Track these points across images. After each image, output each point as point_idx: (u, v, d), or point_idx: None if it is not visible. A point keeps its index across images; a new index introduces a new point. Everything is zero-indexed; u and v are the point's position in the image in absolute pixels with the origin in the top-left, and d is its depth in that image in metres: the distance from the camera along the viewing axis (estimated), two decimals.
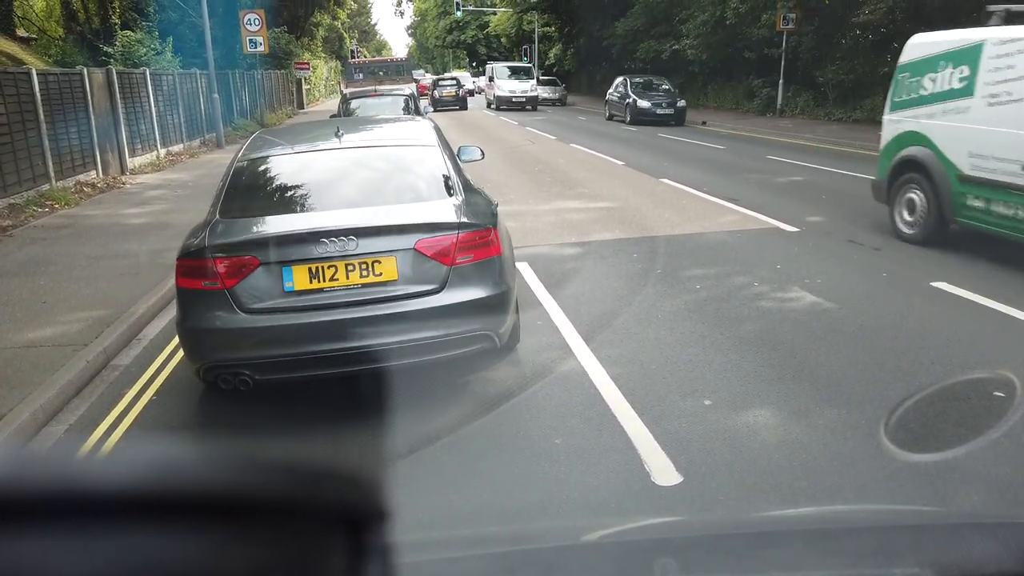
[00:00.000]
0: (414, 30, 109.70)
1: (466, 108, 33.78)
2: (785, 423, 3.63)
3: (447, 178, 4.22)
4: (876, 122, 20.35)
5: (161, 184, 12.65)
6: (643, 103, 23.36)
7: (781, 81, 24.01)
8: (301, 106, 39.85)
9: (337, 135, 4.65)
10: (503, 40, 67.86)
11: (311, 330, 3.59)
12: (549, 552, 1.18)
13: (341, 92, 22.45)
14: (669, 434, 3.54)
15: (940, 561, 1.03)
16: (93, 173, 12.48)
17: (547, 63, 53.09)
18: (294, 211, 4.04)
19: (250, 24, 22.81)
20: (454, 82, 35.42)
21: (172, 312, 5.97)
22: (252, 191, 4.29)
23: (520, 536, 1.45)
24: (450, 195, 4.09)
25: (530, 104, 32.62)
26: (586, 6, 38.37)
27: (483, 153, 6.09)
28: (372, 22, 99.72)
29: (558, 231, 8.11)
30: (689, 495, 3.11)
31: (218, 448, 0.37)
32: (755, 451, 3.40)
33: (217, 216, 3.98)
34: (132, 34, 18.59)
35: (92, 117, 12.48)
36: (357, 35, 71.77)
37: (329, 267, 3.64)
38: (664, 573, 1.04)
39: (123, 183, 12.56)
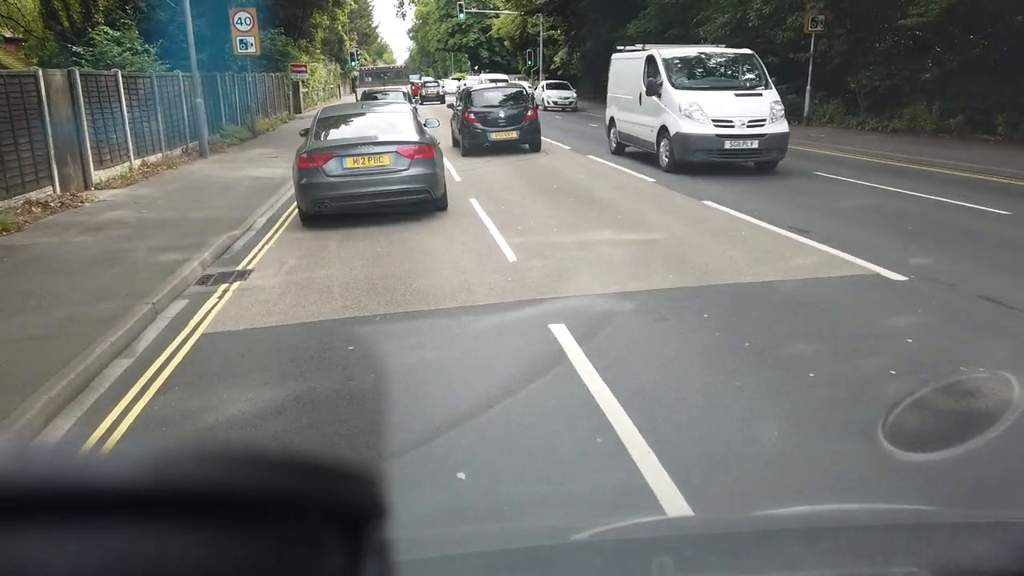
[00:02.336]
0: (415, 33, 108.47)
1: (443, 102, 44.74)
2: None
3: (413, 126, 9.50)
4: (917, 132, 19.05)
5: (128, 202, 11.07)
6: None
7: (809, 87, 22.48)
8: (298, 110, 38.30)
9: (363, 108, 11.04)
10: (506, 43, 66.38)
11: (354, 183, 8.65)
12: (548, 550, 1.17)
13: (355, 91, 31.57)
14: None
15: (937, 560, 1.02)
16: (49, 189, 10.89)
17: (552, 67, 51.61)
18: (344, 133, 9.38)
19: (240, 23, 21.28)
20: (436, 84, 52.31)
21: (83, 405, 4.40)
22: (327, 128, 9.56)
23: (519, 534, 1.46)
24: (414, 132, 9.31)
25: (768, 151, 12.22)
26: (595, 7, 36.88)
27: (439, 122, 12.41)
28: (373, 25, 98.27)
29: (596, 274, 6.52)
30: None
31: (215, 445, 0.37)
32: None
33: (313, 138, 9.28)
34: (109, 31, 16.97)
35: (48, 125, 10.89)
36: (357, 37, 70.20)
37: (361, 158, 8.69)
38: (661, 571, 1.05)
39: (83, 201, 10.97)
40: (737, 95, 12.26)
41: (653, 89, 12.93)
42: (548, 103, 36.22)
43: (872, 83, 20.50)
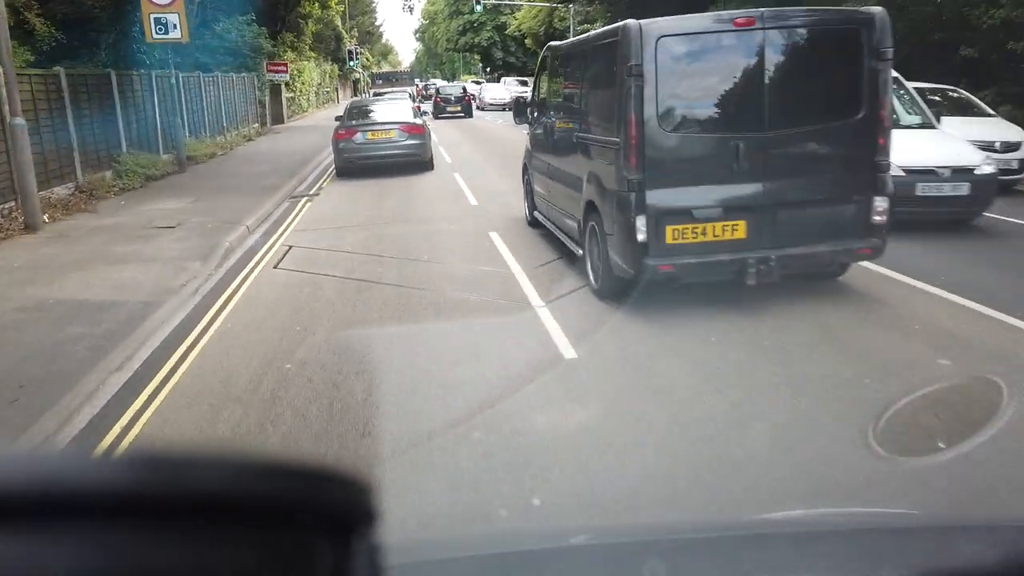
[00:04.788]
0: (422, 34, 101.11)
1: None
2: None
3: (412, 112, 14.86)
4: None
5: None
6: None
7: None
8: (279, 120, 30.38)
9: (379, 101, 19.45)
10: (527, 42, 58.27)
11: (371, 149, 13.51)
12: (540, 554, 1.18)
13: (357, 94, 36.60)
14: None
15: (927, 563, 1.03)
16: None
17: None
18: (366, 116, 14.53)
19: None
20: (434, 85, 53.30)
21: None
22: (353, 111, 14.90)
23: (511, 538, 1.55)
24: (411, 116, 14.46)
25: None
26: None
27: (427, 111, 22.41)
28: (377, 23, 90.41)
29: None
30: None
31: (206, 451, 0.38)
32: None
33: (346, 119, 14.27)
34: None
35: None
36: (359, 35, 62.30)
37: (376, 132, 13.67)
38: (653, 575, 1.05)
39: None
40: None
41: None
42: None
43: None
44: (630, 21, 5.12)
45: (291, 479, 0.39)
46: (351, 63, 42.80)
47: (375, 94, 30.82)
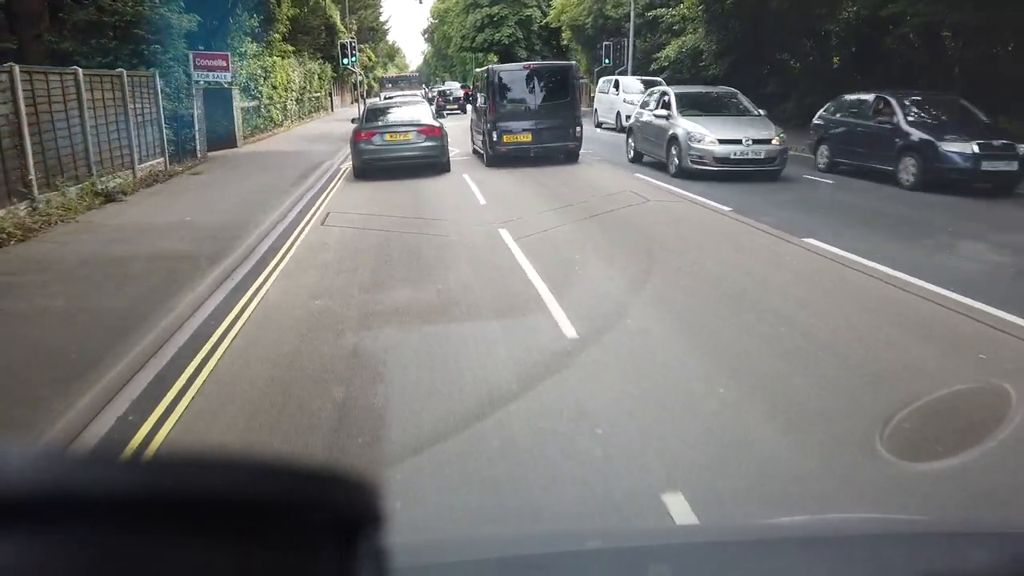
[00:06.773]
0: (430, 34, 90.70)
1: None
2: None
3: (429, 114, 15.71)
4: None
5: None
6: None
7: None
8: (230, 142, 19.63)
9: (396, 103, 18.07)
10: (565, 35, 47.29)
11: (389, 151, 14.36)
12: (545, 559, 1.18)
13: (381, 96, 36.98)
14: None
15: (934, 570, 1.01)
16: None
17: (652, 68, 32.62)
18: (384, 118, 15.34)
19: None
20: (438, 88, 55.08)
21: None
22: (372, 113, 15.82)
23: (516, 542, 1.47)
24: (430, 118, 15.32)
25: None
26: None
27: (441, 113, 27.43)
28: (382, 20, 79.66)
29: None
30: None
31: (211, 452, 0.37)
32: None
33: (364, 120, 15.25)
34: None
35: None
36: (357, 28, 51.57)
37: (395, 134, 14.49)
38: None
39: None
40: None
41: None
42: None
43: None
44: (491, 66, 18.10)
45: (297, 480, 0.39)
46: (345, 61, 31.92)
47: (386, 97, 31.17)
